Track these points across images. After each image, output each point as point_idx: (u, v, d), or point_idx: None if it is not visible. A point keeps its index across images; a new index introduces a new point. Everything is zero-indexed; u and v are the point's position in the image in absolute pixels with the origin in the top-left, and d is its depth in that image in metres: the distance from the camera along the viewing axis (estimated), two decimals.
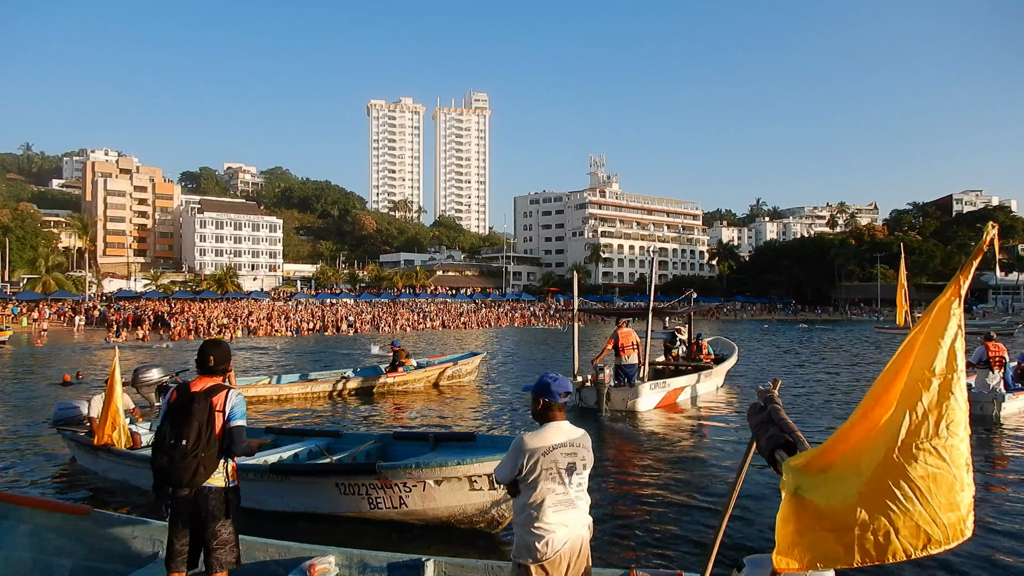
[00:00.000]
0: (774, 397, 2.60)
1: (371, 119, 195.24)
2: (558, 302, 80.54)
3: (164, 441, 3.51)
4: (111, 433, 6.98)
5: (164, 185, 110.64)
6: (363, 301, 66.11)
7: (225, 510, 3.58)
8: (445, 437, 6.78)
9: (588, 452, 3.06)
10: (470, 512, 5.73)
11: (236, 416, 3.60)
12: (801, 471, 1.93)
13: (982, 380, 11.56)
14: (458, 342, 37.84)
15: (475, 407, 13.45)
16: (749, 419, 2.66)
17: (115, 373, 6.77)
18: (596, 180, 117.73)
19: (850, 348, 29.55)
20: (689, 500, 6.88)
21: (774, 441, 2.26)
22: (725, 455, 8.93)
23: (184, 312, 48.51)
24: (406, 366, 15.61)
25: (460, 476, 5.58)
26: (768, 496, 6.70)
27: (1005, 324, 45.30)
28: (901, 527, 1.68)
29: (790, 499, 1.90)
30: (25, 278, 64.37)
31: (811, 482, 1.87)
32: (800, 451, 2.11)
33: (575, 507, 2.97)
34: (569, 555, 2.93)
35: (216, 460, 3.55)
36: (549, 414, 3.06)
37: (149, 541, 4.47)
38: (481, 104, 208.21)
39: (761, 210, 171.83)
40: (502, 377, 18.85)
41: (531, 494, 2.92)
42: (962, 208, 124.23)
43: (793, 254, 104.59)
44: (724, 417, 12.06)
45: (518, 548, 2.97)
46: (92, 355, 26.39)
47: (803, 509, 1.85)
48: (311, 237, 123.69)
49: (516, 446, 2.97)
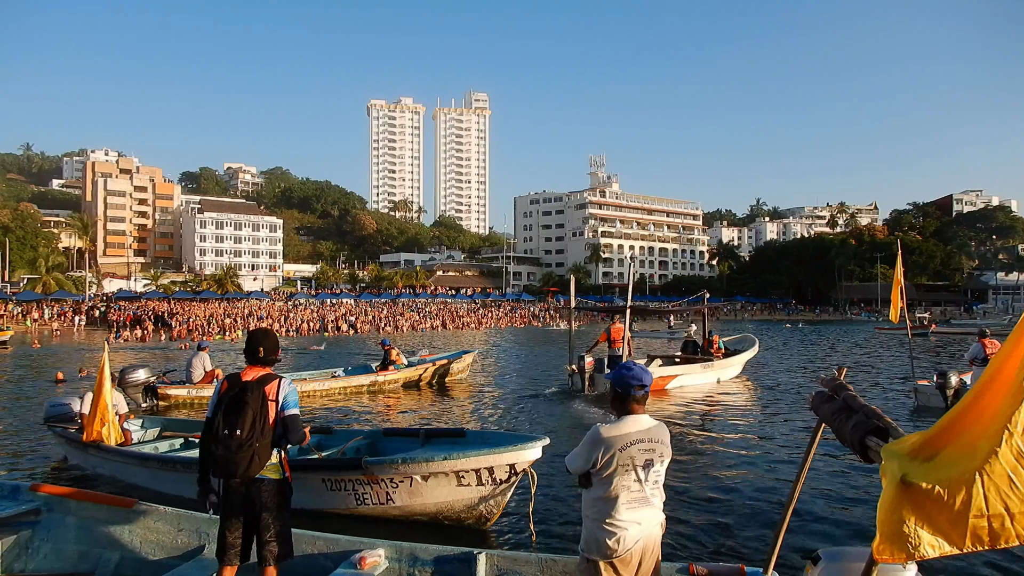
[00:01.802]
0: (845, 384, 2.52)
1: (371, 119, 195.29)
2: (558, 302, 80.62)
3: (218, 432, 3.46)
4: (100, 429, 6.93)
5: (164, 185, 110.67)
6: (363, 301, 66.15)
7: (279, 502, 3.53)
8: (435, 433, 6.73)
9: (666, 447, 2.92)
10: (457, 508, 5.69)
11: (290, 404, 3.57)
12: (907, 456, 1.87)
13: (978, 377, 11.57)
14: (457, 342, 37.80)
15: (467, 405, 13.45)
16: (815, 409, 2.56)
17: (104, 369, 6.74)
18: (596, 180, 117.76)
19: (824, 346, 29.57)
20: (732, 492, 6.88)
21: (863, 428, 2.15)
22: (710, 440, 8.95)
23: (184, 312, 48.54)
24: (397, 364, 15.56)
25: (447, 471, 5.52)
26: (818, 489, 6.78)
27: (1006, 324, 45.34)
28: (1018, 512, 1.65)
29: (895, 486, 1.82)
30: (25, 278, 64.42)
31: (920, 468, 1.80)
32: (894, 437, 2.04)
33: (650, 504, 2.86)
34: (641, 553, 2.83)
35: (270, 450, 3.50)
36: (625, 406, 2.91)
37: (195, 534, 4.46)
38: (481, 104, 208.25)
39: (761, 210, 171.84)
40: (494, 375, 18.83)
41: (605, 489, 2.80)
42: (962, 208, 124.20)
43: (793, 254, 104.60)
44: (704, 402, 13.51)
45: (587, 542, 2.86)
46: (96, 355, 26.48)
47: (912, 496, 1.78)
48: (311, 237, 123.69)
49: (592, 438, 2.84)
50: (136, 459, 6.83)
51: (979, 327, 17.61)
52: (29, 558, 4.58)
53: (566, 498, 6.70)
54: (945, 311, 74.90)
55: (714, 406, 13.16)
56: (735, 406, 13.18)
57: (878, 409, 2.20)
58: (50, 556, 4.58)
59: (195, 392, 12.99)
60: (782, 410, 12.66)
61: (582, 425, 10.80)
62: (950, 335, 40.31)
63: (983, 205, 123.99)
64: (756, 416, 12.03)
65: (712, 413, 12.42)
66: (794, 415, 11.94)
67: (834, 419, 2.37)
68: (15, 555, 4.55)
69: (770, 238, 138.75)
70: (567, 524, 5.96)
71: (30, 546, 4.62)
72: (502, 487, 5.60)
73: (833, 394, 2.51)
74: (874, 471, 7.31)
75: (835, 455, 8.35)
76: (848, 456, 8.28)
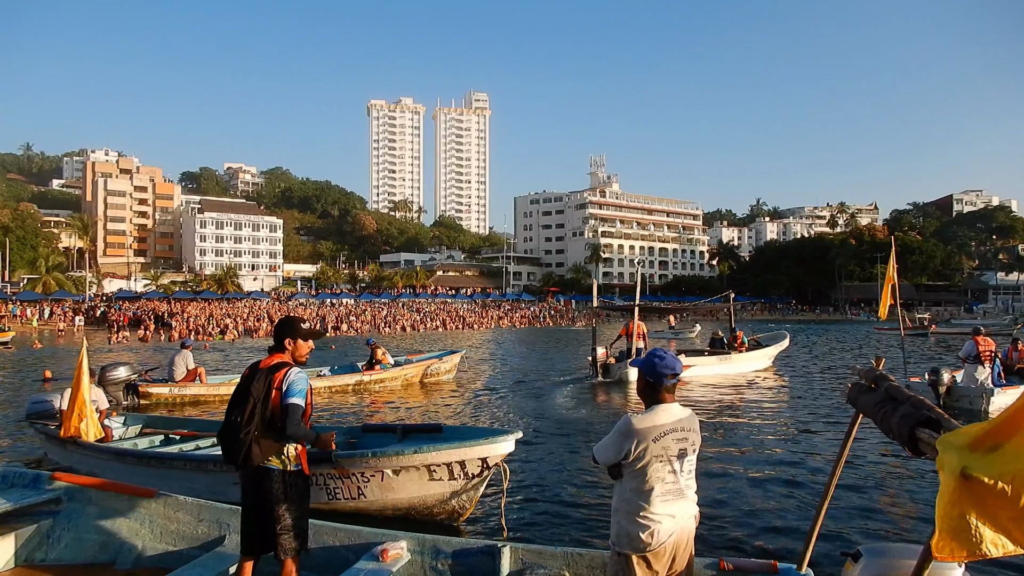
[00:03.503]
0: (885, 374, 2.42)
1: (371, 119, 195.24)
2: (558, 302, 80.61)
3: (226, 417, 3.46)
4: (78, 425, 6.85)
5: (164, 185, 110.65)
6: (363, 301, 66.15)
7: (287, 494, 3.42)
8: (413, 429, 6.67)
9: (698, 435, 2.84)
10: (430, 503, 5.66)
11: (292, 393, 3.40)
12: (967, 448, 1.74)
13: (970, 374, 11.64)
14: (457, 342, 37.78)
15: (452, 404, 13.45)
16: (853, 401, 2.46)
17: (83, 365, 6.69)
18: (596, 180, 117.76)
19: (822, 345, 29.55)
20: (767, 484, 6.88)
21: (912, 419, 2.01)
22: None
23: (184, 312, 48.56)
24: (383, 364, 15.49)
25: (418, 465, 5.48)
26: (853, 483, 6.82)
27: (1006, 324, 45.36)
28: None
29: (955, 480, 1.70)
30: (25, 278, 64.40)
31: (982, 460, 1.68)
32: (947, 428, 1.92)
33: (684, 497, 2.77)
34: (674, 547, 2.73)
35: (275, 440, 3.40)
36: (656, 396, 2.81)
37: (215, 524, 4.45)
38: (481, 104, 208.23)
39: (761, 210, 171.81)
40: (481, 375, 18.83)
41: (637, 481, 2.71)
42: (962, 208, 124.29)
43: (793, 254, 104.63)
44: (721, 391, 14.70)
45: (618, 536, 2.76)
46: (96, 355, 26.36)
47: (973, 490, 1.67)
48: (311, 237, 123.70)
49: (622, 428, 2.73)
50: (113, 455, 6.81)
51: (974, 325, 17.73)
52: (50, 548, 4.59)
53: (541, 492, 6.76)
54: (945, 311, 74.93)
55: (730, 395, 13.95)
56: (752, 397, 14.04)
57: (926, 400, 2.09)
58: (71, 545, 4.59)
59: (177, 391, 12.85)
60: (805, 401, 13.16)
61: (570, 420, 10.85)
62: (950, 335, 40.27)
63: (983, 205, 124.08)
64: (780, 406, 12.52)
65: (730, 403, 12.97)
66: (818, 406, 12.37)
67: (877, 410, 2.25)
68: (36, 544, 4.57)
69: (770, 238, 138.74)
70: (544, 516, 6.02)
71: (51, 535, 4.64)
72: (474, 481, 5.57)
73: (873, 385, 2.41)
74: (913, 465, 7.32)
75: (872, 448, 8.34)
76: (886, 448, 8.27)
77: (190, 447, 7.49)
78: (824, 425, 10.63)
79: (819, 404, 12.79)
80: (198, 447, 7.48)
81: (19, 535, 4.49)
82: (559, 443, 9.23)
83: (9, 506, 4.60)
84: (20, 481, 5.05)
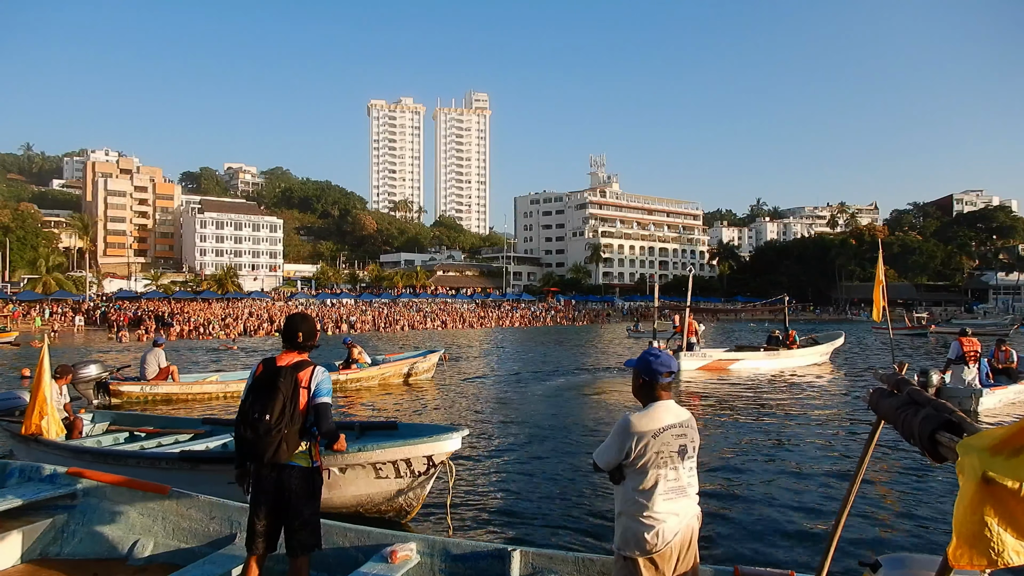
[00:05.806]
0: (907, 378, 2.36)
1: (371, 119, 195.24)
2: (558, 302, 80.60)
3: (248, 415, 3.45)
4: (39, 422, 6.80)
5: (164, 185, 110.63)
6: (363, 301, 66.14)
7: (308, 491, 3.49)
8: (370, 426, 6.63)
9: (696, 432, 2.85)
10: (377, 500, 5.63)
11: (322, 393, 3.52)
12: (989, 452, 1.66)
13: (958, 375, 11.62)
14: (458, 342, 37.78)
15: (428, 403, 13.42)
16: (874, 407, 2.41)
17: (44, 361, 6.64)
18: (596, 180, 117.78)
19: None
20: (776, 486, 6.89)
21: (933, 422, 1.96)
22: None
23: (184, 312, 48.55)
24: (359, 363, 15.40)
25: (363, 463, 5.44)
26: (875, 491, 6.82)
27: (1007, 324, 45.28)
28: None
29: (976, 484, 1.63)
30: (25, 278, 64.38)
31: (1005, 464, 1.59)
32: (968, 431, 1.85)
33: (686, 495, 2.76)
34: (679, 547, 2.71)
35: (299, 438, 3.47)
36: (653, 393, 2.81)
37: (227, 521, 4.48)
38: (481, 104, 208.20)
39: (761, 210, 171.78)
40: (465, 374, 18.82)
41: (640, 480, 2.69)
42: (962, 208, 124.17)
43: (793, 254, 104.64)
44: (761, 383, 16.29)
45: (623, 540, 2.71)
46: (98, 356, 26.40)
47: (995, 495, 1.59)
48: (311, 237, 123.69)
49: (622, 428, 2.72)
50: (71, 452, 6.80)
51: (961, 326, 17.91)
52: (64, 542, 4.64)
53: (487, 488, 6.78)
54: (946, 311, 74.88)
55: (767, 392, 14.76)
56: (798, 390, 14.94)
57: (948, 403, 2.04)
58: (85, 540, 4.63)
59: (148, 389, 12.71)
60: (841, 398, 13.71)
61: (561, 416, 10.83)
62: (951, 335, 40.22)
63: (983, 205, 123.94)
64: (808, 406, 12.78)
65: (770, 396, 13.86)
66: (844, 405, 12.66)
67: (898, 415, 2.18)
68: (50, 539, 4.61)
69: (770, 238, 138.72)
70: (495, 513, 6.08)
71: (65, 530, 4.68)
72: (420, 479, 5.56)
73: (894, 389, 2.34)
74: (937, 472, 7.30)
75: (895, 456, 8.27)
76: (909, 456, 8.13)
77: (152, 444, 7.44)
78: (846, 427, 10.61)
79: (843, 404, 12.94)
80: (160, 444, 7.43)
81: (34, 529, 4.55)
82: (560, 442, 9.21)
83: (25, 500, 4.65)
84: (36, 475, 5.10)
